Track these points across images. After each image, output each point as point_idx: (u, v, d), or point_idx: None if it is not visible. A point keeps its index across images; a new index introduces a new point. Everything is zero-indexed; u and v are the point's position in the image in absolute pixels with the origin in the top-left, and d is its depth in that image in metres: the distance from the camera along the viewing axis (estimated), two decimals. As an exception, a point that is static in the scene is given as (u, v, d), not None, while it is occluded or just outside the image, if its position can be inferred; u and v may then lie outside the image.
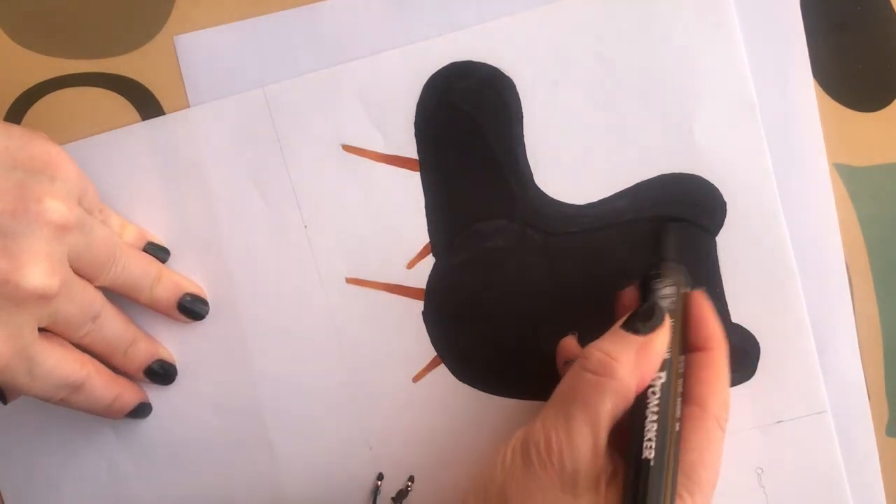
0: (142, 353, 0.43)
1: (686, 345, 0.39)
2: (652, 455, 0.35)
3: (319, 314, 0.44)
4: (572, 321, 0.43)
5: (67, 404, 0.40)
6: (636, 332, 0.36)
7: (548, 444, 0.35)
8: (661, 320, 0.37)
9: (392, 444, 0.44)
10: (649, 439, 0.35)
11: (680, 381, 0.37)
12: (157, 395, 0.44)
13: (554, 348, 0.43)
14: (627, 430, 0.36)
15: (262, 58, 0.43)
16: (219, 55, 0.43)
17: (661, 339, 0.36)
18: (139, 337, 0.43)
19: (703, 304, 0.39)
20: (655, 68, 0.43)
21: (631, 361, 0.35)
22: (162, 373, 0.43)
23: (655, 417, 0.36)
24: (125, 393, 0.42)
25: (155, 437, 0.44)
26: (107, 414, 0.42)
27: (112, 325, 0.41)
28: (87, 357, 0.40)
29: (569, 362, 0.39)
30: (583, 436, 0.35)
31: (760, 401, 0.43)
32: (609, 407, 0.35)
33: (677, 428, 0.36)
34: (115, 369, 0.42)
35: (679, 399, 0.37)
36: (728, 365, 0.39)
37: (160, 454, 0.44)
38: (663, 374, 0.36)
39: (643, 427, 0.36)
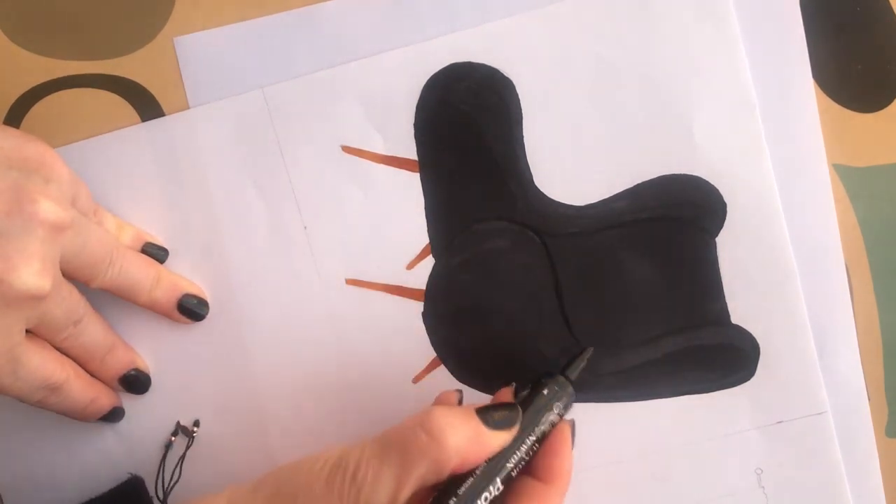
0: (118, 362, 0.43)
1: (532, 466, 0.38)
2: None
3: (319, 315, 0.44)
4: (571, 322, 0.43)
5: (44, 405, 0.40)
6: (485, 421, 0.36)
7: (355, 473, 0.35)
8: (510, 426, 0.37)
9: (392, 445, 0.44)
10: None
11: (496, 488, 0.37)
12: (157, 396, 0.44)
13: (554, 349, 0.43)
14: None
15: (261, 59, 0.43)
16: (218, 56, 0.44)
17: (499, 439, 0.36)
18: (117, 345, 0.43)
19: (564, 438, 0.39)
20: (655, 68, 0.43)
21: (462, 441, 0.35)
22: (136, 382, 0.43)
23: (454, 501, 0.35)
24: (101, 397, 0.42)
25: (155, 437, 0.44)
26: (82, 417, 0.42)
27: (92, 331, 0.41)
28: (66, 359, 0.41)
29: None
30: (386, 483, 0.34)
31: (760, 401, 0.43)
32: (423, 470, 0.34)
33: None
34: (91, 374, 0.42)
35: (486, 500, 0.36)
36: None
37: (160, 454, 0.44)
38: (484, 468, 0.36)
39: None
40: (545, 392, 0.38)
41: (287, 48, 0.43)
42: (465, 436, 0.35)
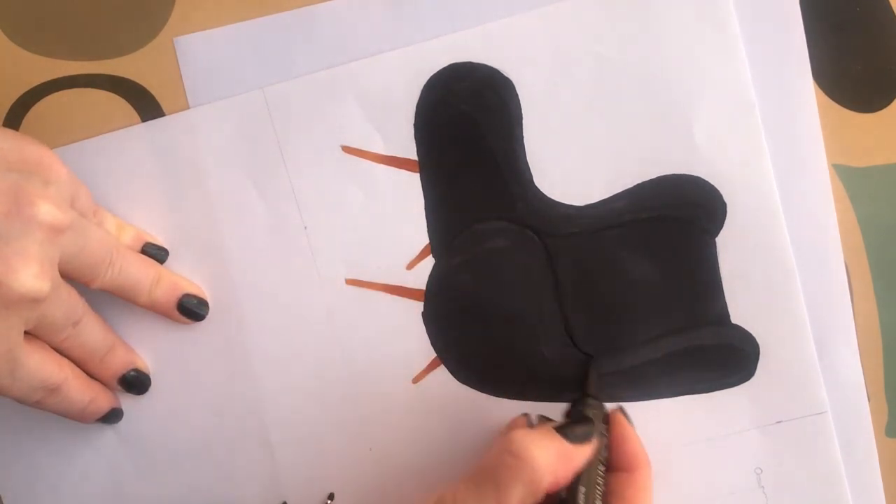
0: (117, 362, 0.43)
1: (612, 464, 0.40)
2: None
3: (319, 315, 0.44)
4: (571, 322, 0.43)
5: (42, 406, 0.40)
6: (565, 437, 0.37)
7: None
8: (589, 437, 0.38)
9: (392, 446, 0.44)
10: None
11: (599, 498, 0.38)
12: (157, 396, 0.44)
13: (553, 349, 0.43)
14: None
15: (261, 59, 0.43)
16: (218, 57, 0.44)
17: (583, 452, 0.37)
18: (117, 345, 0.43)
19: (624, 426, 0.41)
20: (655, 69, 0.43)
21: (551, 458, 0.36)
22: (136, 383, 0.43)
23: None
24: (99, 397, 0.42)
25: (155, 437, 0.44)
26: (80, 417, 0.42)
27: (91, 332, 0.41)
28: (64, 360, 0.41)
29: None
30: None
31: (760, 401, 0.43)
32: (518, 493, 0.35)
33: None
34: (91, 375, 0.42)
35: None
36: (651, 484, 0.40)
37: (160, 454, 0.44)
38: (582, 488, 0.37)
39: None
40: (591, 417, 0.39)
41: (287, 48, 0.43)
42: (553, 453, 0.36)
